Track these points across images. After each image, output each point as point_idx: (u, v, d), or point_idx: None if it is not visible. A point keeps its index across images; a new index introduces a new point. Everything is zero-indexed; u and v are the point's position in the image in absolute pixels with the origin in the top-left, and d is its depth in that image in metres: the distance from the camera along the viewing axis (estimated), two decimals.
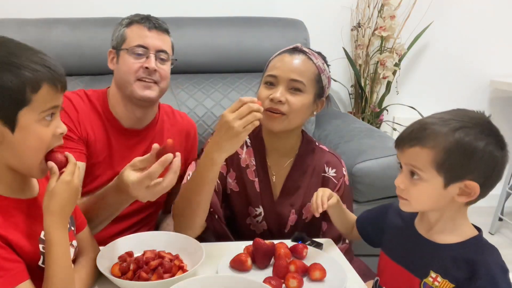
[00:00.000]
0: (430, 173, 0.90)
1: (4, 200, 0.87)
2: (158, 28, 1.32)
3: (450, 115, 0.92)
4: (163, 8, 2.30)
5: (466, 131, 0.88)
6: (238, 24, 2.22)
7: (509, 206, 2.79)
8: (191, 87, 2.07)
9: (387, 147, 1.73)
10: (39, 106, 0.83)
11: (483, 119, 0.92)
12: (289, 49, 1.29)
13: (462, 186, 0.90)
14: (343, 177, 1.35)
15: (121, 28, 1.34)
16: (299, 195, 1.33)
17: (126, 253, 1.07)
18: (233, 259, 1.07)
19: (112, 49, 1.36)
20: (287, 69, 1.23)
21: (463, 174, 0.89)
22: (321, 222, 1.35)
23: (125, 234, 1.26)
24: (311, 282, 1.04)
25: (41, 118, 0.84)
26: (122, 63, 1.31)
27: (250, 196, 1.32)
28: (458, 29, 2.65)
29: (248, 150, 1.34)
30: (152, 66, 1.28)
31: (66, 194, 0.87)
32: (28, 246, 0.87)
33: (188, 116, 1.57)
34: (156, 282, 0.97)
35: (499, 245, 0.96)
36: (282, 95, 1.21)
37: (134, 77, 1.29)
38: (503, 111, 2.80)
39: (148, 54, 1.30)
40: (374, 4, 2.47)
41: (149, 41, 1.30)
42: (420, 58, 2.69)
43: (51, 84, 0.83)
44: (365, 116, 2.54)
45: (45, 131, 0.85)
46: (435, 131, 0.90)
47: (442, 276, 0.93)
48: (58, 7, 2.27)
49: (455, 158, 0.88)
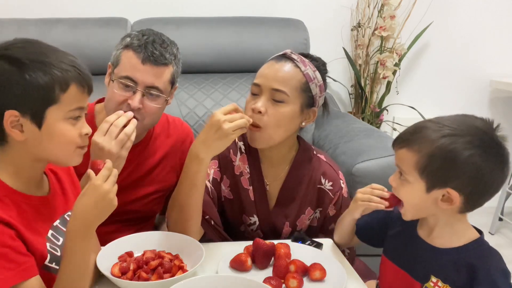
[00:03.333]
0: (413, 176, 0.92)
1: (18, 195, 0.88)
2: (154, 62, 1.18)
3: (449, 121, 0.91)
4: (163, 8, 2.30)
5: (453, 139, 0.87)
6: (238, 24, 2.22)
7: (509, 206, 2.79)
8: (191, 87, 2.07)
9: (387, 147, 1.73)
10: (67, 105, 0.86)
11: (482, 129, 0.89)
12: (277, 56, 1.22)
13: (445, 193, 0.90)
14: (340, 190, 1.30)
15: (119, 47, 1.23)
16: (294, 207, 1.28)
17: (126, 253, 1.08)
18: (233, 259, 1.07)
19: (110, 64, 1.27)
20: (270, 78, 1.17)
21: (445, 181, 0.89)
22: (318, 234, 1.31)
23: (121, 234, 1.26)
24: (311, 282, 1.04)
25: (68, 117, 0.87)
26: (110, 88, 1.23)
27: (244, 204, 1.28)
28: (458, 29, 2.65)
29: (242, 156, 1.28)
30: (135, 106, 1.18)
31: (93, 199, 0.86)
32: (36, 243, 0.88)
33: (182, 121, 1.50)
34: (156, 282, 0.97)
35: (499, 245, 0.96)
36: (262, 105, 1.15)
37: (116, 109, 1.18)
38: (503, 111, 2.80)
39: (136, 90, 1.19)
40: (374, 4, 2.47)
41: (138, 75, 1.18)
42: (420, 58, 2.69)
43: (78, 85, 0.87)
44: (365, 116, 2.54)
45: (71, 129, 0.88)
46: (425, 135, 0.90)
47: (443, 281, 0.93)
48: (58, 7, 2.27)
49: (436, 164, 0.89)
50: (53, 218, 0.96)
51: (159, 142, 1.39)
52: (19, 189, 0.89)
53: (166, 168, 1.39)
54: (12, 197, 0.87)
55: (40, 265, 0.89)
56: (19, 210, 0.87)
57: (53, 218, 0.96)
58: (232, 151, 1.29)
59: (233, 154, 1.29)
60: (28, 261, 0.84)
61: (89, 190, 0.86)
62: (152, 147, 1.37)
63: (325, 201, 1.29)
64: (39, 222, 0.90)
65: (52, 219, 0.95)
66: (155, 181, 1.37)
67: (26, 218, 0.88)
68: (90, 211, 0.86)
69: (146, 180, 1.10)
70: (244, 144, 1.29)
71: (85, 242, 0.88)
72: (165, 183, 1.40)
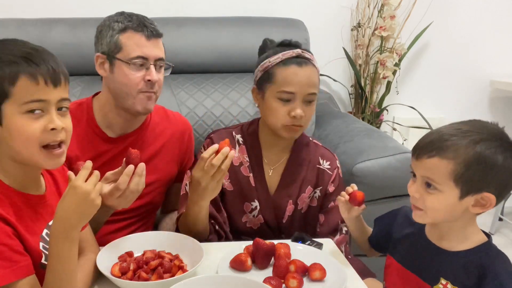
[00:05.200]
0: (447, 185, 0.89)
1: (13, 192, 0.88)
2: (156, 35, 1.27)
3: (468, 126, 0.91)
4: (163, 8, 2.30)
5: (487, 144, 0.87)
6: (238, 24, 2.21)
7: (509, 206, 2.79)
8: (191, 87, 2.07)
9: (387, 147, 1.73)
10: (19, 99, 0.83)
11: (500, 131, 0.90)
12: (295, 59, 1.27)
13: (479, 198, 0.89)
14: (337, 169, 1.40)
15: (113, 33, 1.25)
16: (296, 187, 1.36)
17: (126, 253, 1.08)
18: (233, 259, 1.07)
19: (101, 54, 1.28)
20: (304, 85, 1.24)
21: (481, 187, 0.88)
22: (318, 214, 1.38)
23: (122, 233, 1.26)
24: (311, 282, 1.04)
25: (24, 111, 0.83)
26: (121, 75, 1.25)
27: (245, 191, 1.34)
28: (458, 29, 2.65)
29: (240, 148, 1.36)
30: (155, 79, 1.25)
31: (73, 201, 0.84)
32: (31, 241, 0.88)
33: (181, 115, 1.54)
34: (156, 282, 0.97)
35: (499, 245, 0.96)
36: (302, 110, 1.24)
37: (136, 90, 1.25)
38: (503, 111, 2.80)
39: (148, 65, 1.25)
40: (374, 4, 2.47)
41: (148, 51, 1.25)
42: (420, 58, 2.69)
43: (29, 77, 0.83)
44: (365, 116, 2.54)
45: (30, 124, 0.84)
46: (456, 142, 0.88)
47: (452, 283, 0.93)
48: (58, 7, 2.26)
49: (474, 171, 0.87)
50: (48, 217, 0.95)
51: (159, 130, 1.42)
52: (16, 187, 0.89)
53: (166, 158, 1.42)
54: (8, 195, 0.87)
55: (37, 264, 0.88)
56: (15, 208, 0.87)
57: (49, 217, 0.95)
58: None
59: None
60: (24, 260, 0.84)
61: (69, 191, 0.84)
62: (152, 134, 1.40)
63: (324, 179, 1.38)
64: (35, 221, 0.90)
65: (47, 219, 0.95)
66: (156, 170, 1.38)
67: (22, 216, 0.88)
68: (72, 213, 0.83)
69: (148, 167, 1.12)
70: (243, 136, 1.38)
71: (69, 245, 0.85)
72: (165, 172, 1.42)
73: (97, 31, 1.31)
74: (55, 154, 0.88)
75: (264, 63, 1.30)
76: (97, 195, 0.86)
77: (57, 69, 0.86)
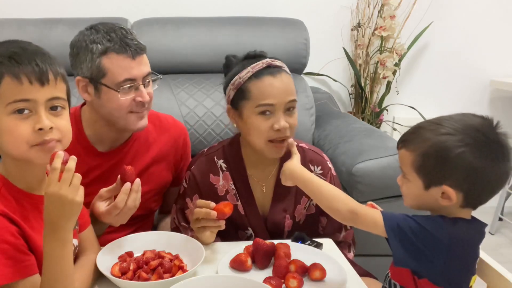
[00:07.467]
0: (412, 175, 0.94)
1: (19, 192, 0.88)
2: (139, 53, 1.18)
3: (448, 121, 0.92)
4: (163, 8, 2.30)
5: (446, 138, 0.89)
6: (238, 24, 2.21)
7: (509, 206, 2.79)
8: (191, 87, 2.07)
9: (387, 147, 1.73)
10: (5, 99, 0.82)
11: (476, 127, 0.89)
12: (266, 69, 1.20)
13: (443, 190, 0.91)
14: (330, 171, 1.33)
15: (93, 57, 1.16)
16: (290, 199, 1.30)
17: (126, 253, 1.08)
18: (233, 259, 1.07)
19: (83, 78, 1.19)
20: (282, 94, 1.18)
21: (440, 179, 0.90)
22: (319, 217, 1.34)
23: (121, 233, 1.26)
24: (311, 282, 1.04)
25: (10, 111, 0.83)
26: (110, 101, 1.18)
27: (236, 221, 1.28)
28: (458, 29, 2.65)
29: (224, 175, 1.29)
30: (146, 100, 1.20)
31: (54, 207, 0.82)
32: (36, 241, 0.88)
33: (175, 119, 1.48)
34: (156, 282, 0.97)
35: (499, 245, 0.96)
36: (285, 121, 1.18)
37: (126, 112, 1.19)
38: (503, 111, 2.79)
39: (137, 85, 1.19)
40: (374, 4, 2.47)
41: (136, 72, 1.17)
42: (420, 58, 2.69)
43: (13, 76, 0.82)
44: (365, 116, 2.54)
45: (18, 124, 0.83)
46: (420, 135, 0.93)
47: None
48: (58, 7, 2.27)
49: (430, 163, 0.91)
50: None
51: (152, 139, 1.38)
52: (21, 187, 0.89)
53: (160, 167, 1.39)
54: (14, 195, 0.87)
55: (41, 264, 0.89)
56: (21, 207, 0.87)
57: None
58: (212, 174, 1.29)
59: (213, 177, 1.30)
60: (28, 260, 0.84)
61: (46, 200, 0.82)
62: (145, 144, 1.36)
63: None
64: (40, 221, 0.90)
65: None
66: (151, 179, 1.36)
67: (28, 215, 0.88)
68: (56, 218, 0.82)
69: (142, 178, 1.10)
70: (225, 161, 1.30)
71: (61, 245, 0.84)
72: (159, 181, 1.40)
73: (73, 51, 1.21)
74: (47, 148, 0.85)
75: (235, 80, 1.22)
76: (75, 193, 0.82)
77: (44, 67, 0.84)
